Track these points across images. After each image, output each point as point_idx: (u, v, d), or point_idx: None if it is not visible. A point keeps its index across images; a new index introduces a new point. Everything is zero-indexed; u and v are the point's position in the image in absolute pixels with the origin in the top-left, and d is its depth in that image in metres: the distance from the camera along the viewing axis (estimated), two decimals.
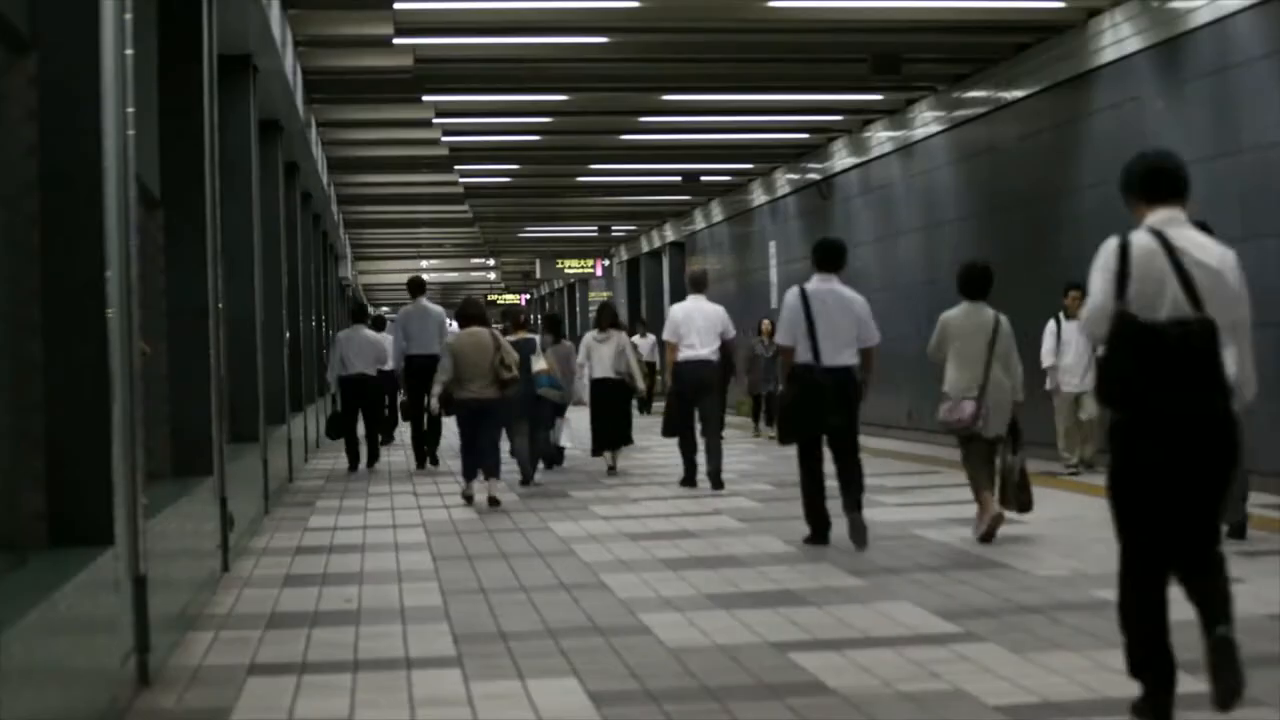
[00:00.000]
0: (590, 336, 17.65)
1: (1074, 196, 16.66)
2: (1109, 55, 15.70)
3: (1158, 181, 6.40)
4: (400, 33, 15.78)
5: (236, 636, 8.14)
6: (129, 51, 6.97)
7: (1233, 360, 5.90)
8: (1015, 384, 10.74)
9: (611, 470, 17.00)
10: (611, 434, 17.10)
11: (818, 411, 10.48)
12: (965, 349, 10.50)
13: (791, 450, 11.00)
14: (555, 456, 17.48)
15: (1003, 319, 10.73)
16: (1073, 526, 11.44)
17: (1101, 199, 16.10)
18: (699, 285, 15.47)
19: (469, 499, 14.31)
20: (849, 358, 10.65)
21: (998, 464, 10.61)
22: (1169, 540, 5.77)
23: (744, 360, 21.51)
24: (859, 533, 10.50)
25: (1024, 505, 10.58)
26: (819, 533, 10.75)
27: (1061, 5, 15.86)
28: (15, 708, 4.56)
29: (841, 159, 24.55)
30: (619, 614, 8.37)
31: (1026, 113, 17.81)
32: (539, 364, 16.20)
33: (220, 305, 10.87)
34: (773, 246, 28.91)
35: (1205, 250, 6.16)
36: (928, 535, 11.20)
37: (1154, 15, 14.83)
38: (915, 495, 14.01)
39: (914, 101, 21.08)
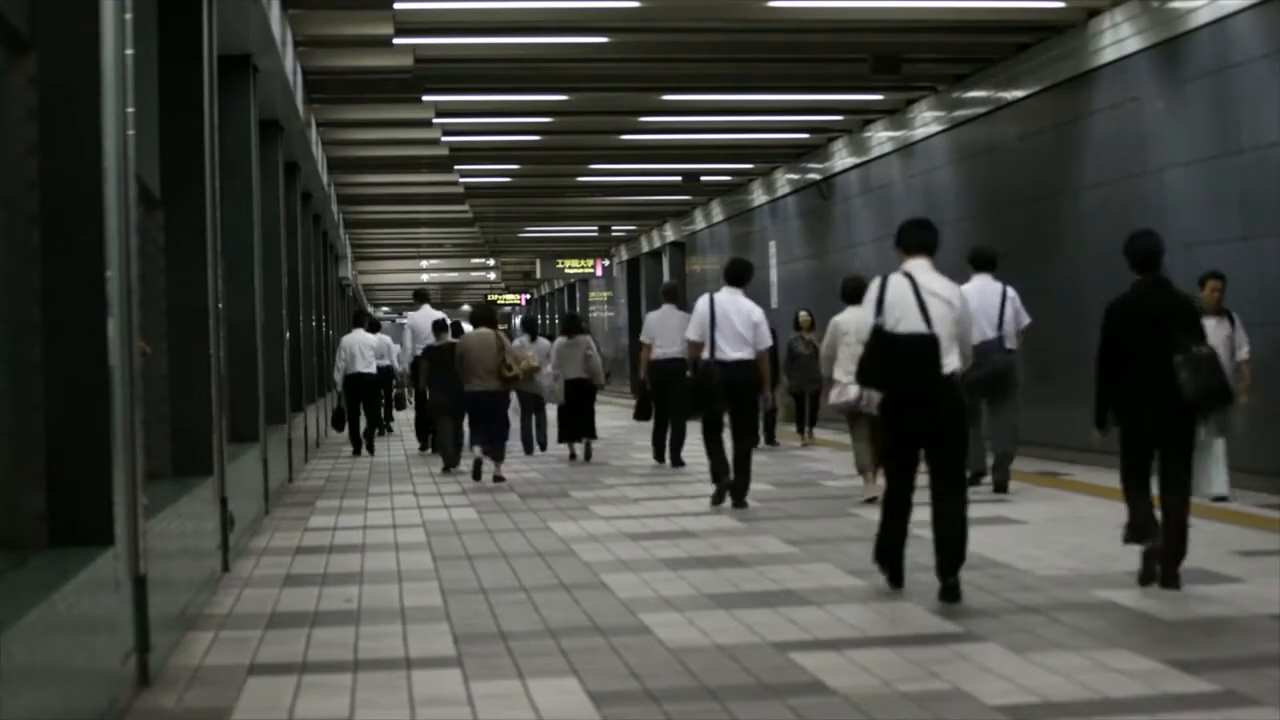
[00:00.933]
0: (560, 342, 19.93)
1: (1074, 196, 16.66)
2: (1109, 55, 15.71)
3: (912, 240, 9.37)
4: (400, 33, 15.78)
5: (236, 636, 8.14)
6: (129, 51, 6.97)
7: (956, 357, 8.57)
8: None
9: (573, 458, 19.33)
10: (576, 427, 19.49)
11: (711, 396, 12.88)
12: (853, 344, 11.45)
13: (795, 451, 13.70)
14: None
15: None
16: (1073, 526, 11.44)
17: (1101, 199, 16.11)
18: (671, 296, 17.37)
19: (477, 464, 16.60)
20: (744, 355, 12.87)
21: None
22: (913, 474, 8.66)
23: (784, 360, 20.04)
24: (738, 493, 13.08)
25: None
26: (720, 494, 13.27)
27: (1061, 5, 15.86)
28: (15, 708, 4.56)
29: (841, 159, 24.56)
30: (619, 614, 8.38)
31: (1026, 113, 17.81)
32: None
33: (220, 305, 10.87)
34: (773, 246, 28.91)
35: (941, 287, 8.98)
36: (928, 535, 11.18)
37: (1154, 15, 14.83)
38: (915, 495, 13.97)
39: (914, 101, 21.09)
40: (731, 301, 13.05)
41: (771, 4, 15.51)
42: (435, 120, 21.33)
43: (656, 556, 10.50)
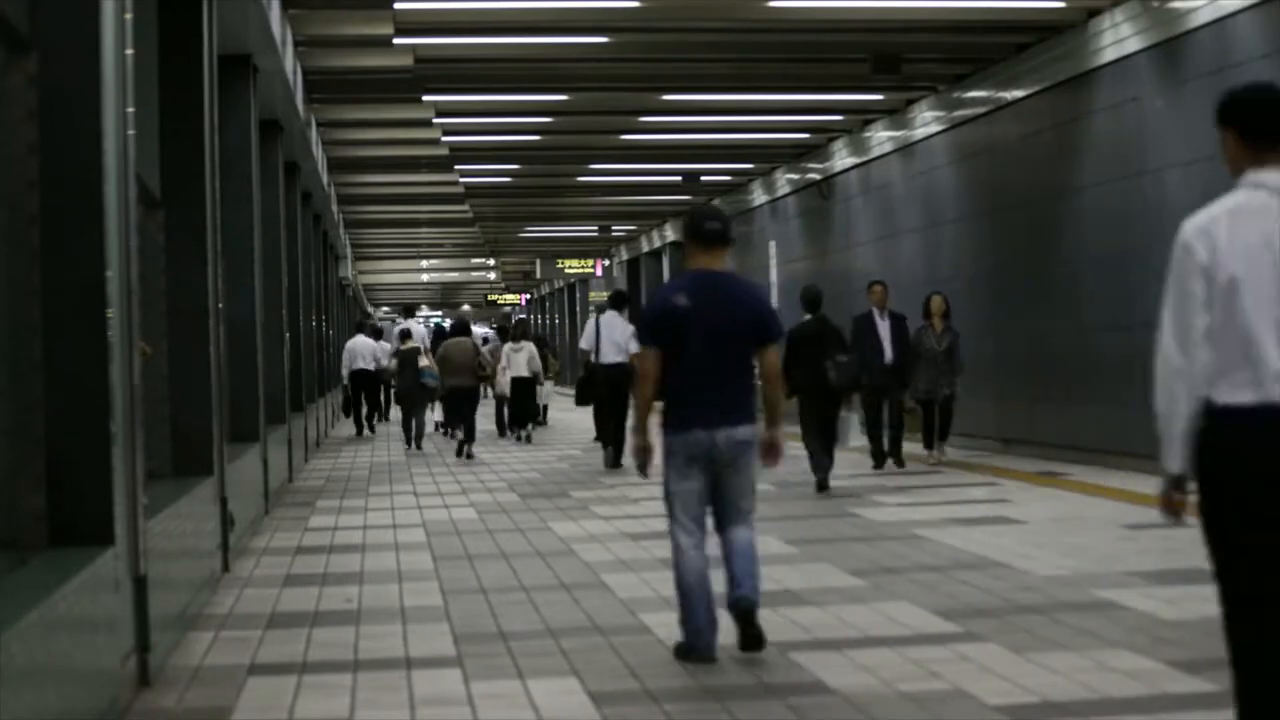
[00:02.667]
0: (508, 346, 23.63)
1: (1074, 196, 16.66)
2: (1109, 55, 15.70)
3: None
4: (400, 33, 15.78)
5: (237, 636, 8.14)
6: (129, 51, 6.97)
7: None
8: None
9: (520, 438, 23.73)
10: (522, 415, 23.82)
11: (596, 389, 18.58)
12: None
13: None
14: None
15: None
16: (1073, 526, 11.45)
17: (1101, 199, 16.11)
18: (618, 303, 19.09)
19: (460, 443, 21.01)
20: (620, 359, 17.65)
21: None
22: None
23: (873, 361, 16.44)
24: (613, 457, 17.83)
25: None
26: (612, 459, 17.86)
27: (1061, 5, 15.86)
28: (15, 708, 4.56)
29: (841, 159, 24.56)
30: (619, 614, 8.38)
31: (1026, 113, 17.81)
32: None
33: (220, 305, 10.87)
34: (773, 246, 28.92)
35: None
36: (928, 535, 11.20)
37: (1154, 15, 14.83)
38: (915, 495, 14.00)
39: (914, 101, 21.08)
40: (614, 321, 18.35)
41: (771, 4, 15.51)
42: (435, 120, 21.33)
43: (656, 556, 10.49)
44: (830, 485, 14.23)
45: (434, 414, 25.75)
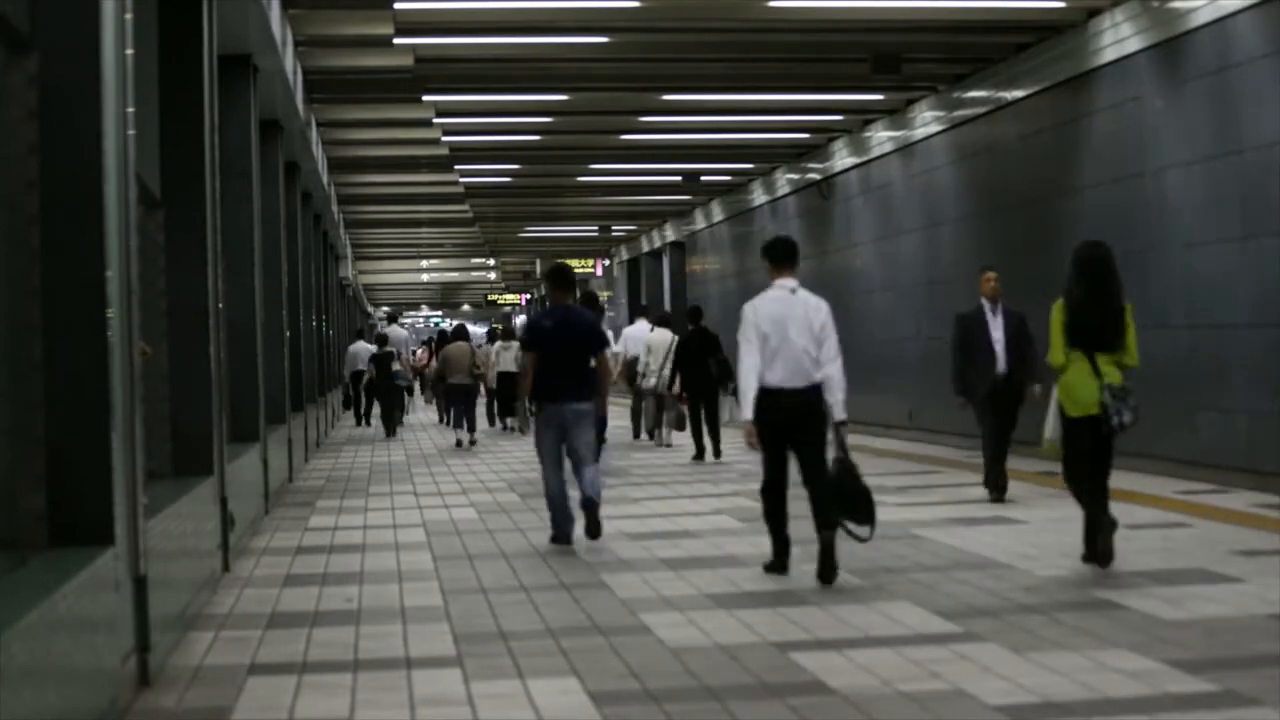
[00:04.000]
0: (498, 344, 26.44)
1: (1074, 196, 16.66)
2: (1109, 55, 15.70)
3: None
4: (400, 33, 15.78)
5: (237, 636, 8.14)
6: (129, 51, 6.97)
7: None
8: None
9: (507, 427, 26.48)
10: (510, 406, 25.06)
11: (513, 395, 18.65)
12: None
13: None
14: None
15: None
16: (1073, 527, 11.44)
17: (1101, 199, 16.10)
18: (590, 303, 19.61)
19: (459, 442, 23.38)
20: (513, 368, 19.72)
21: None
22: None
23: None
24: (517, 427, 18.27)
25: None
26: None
27: (1061, 5, 15.86)
28: (15, 708, 4.56)
29: (841, 159, 24.55)
30: (619, 614, 8.38)
31: (1026, 113, 17.81)
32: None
33: (220, 305, 10.87)
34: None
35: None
36: (928, 535, 11.21)
37: (1154, 15, 14.83)
38: (915, 495, 14.00)
39: (914, 101, 21.08)
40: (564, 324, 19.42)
41: (771, 4, 15.51)
42: (435, 120, 21.33)
43: (657, 556, 10.50)
44: (706, 458, 18.51)
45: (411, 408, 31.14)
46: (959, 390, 13.28)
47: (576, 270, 47.49)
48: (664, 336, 20.88)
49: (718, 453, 18.69)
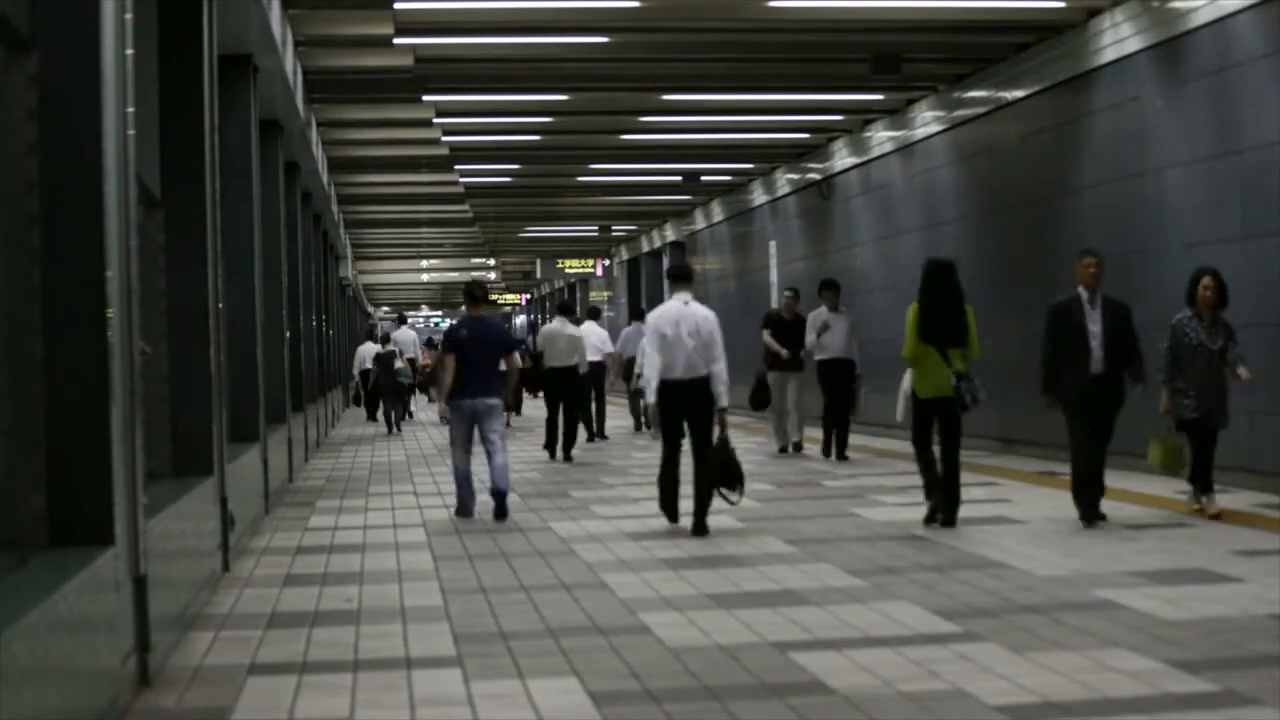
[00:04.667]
0: None
1: (1074, 196, 16.66)
2: (1109, 55, 15.70)
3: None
4: (400, 33, 15.78)
5: (237, 636, 8.14)
6: (129, 51, 6.97)
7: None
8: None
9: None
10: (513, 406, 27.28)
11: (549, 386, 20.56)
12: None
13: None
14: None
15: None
16: (1073, 526, 11.45)
17: (1101, 199, 16.11)
18: (565, 311, 21.42)
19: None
20: (568, 362, 20.26)
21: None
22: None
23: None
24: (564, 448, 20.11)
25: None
26: (563, 450, 20.07)
27: (1061, 5, 15.86)
28: (15, 708, 4.56)
29: (842, 159, 24.56)
30: (619, 614, 8.38)
31: (1026, 113, 17.81)
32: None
33: (220, 305, 10.87)
34: (773, 246, 28.92)
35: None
36: (928, 535, 11.20)
37: (1154, 15, 14.83)
38: (915, 495, 13.98)
39: (914, 101, 21.09)
40: (560, 329, 20.75)
41: (771, 4, 15.51)
42: (435, 120, 21.33)
43: (657, 556, 10.50)
44: (570, 456, 19.60)
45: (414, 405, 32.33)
46: (1046, 389, 11.79)
47: (576, 270, 47.86)
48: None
49: (549, 447, 20.25)
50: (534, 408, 29.64)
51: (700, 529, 11.48)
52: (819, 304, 18.70)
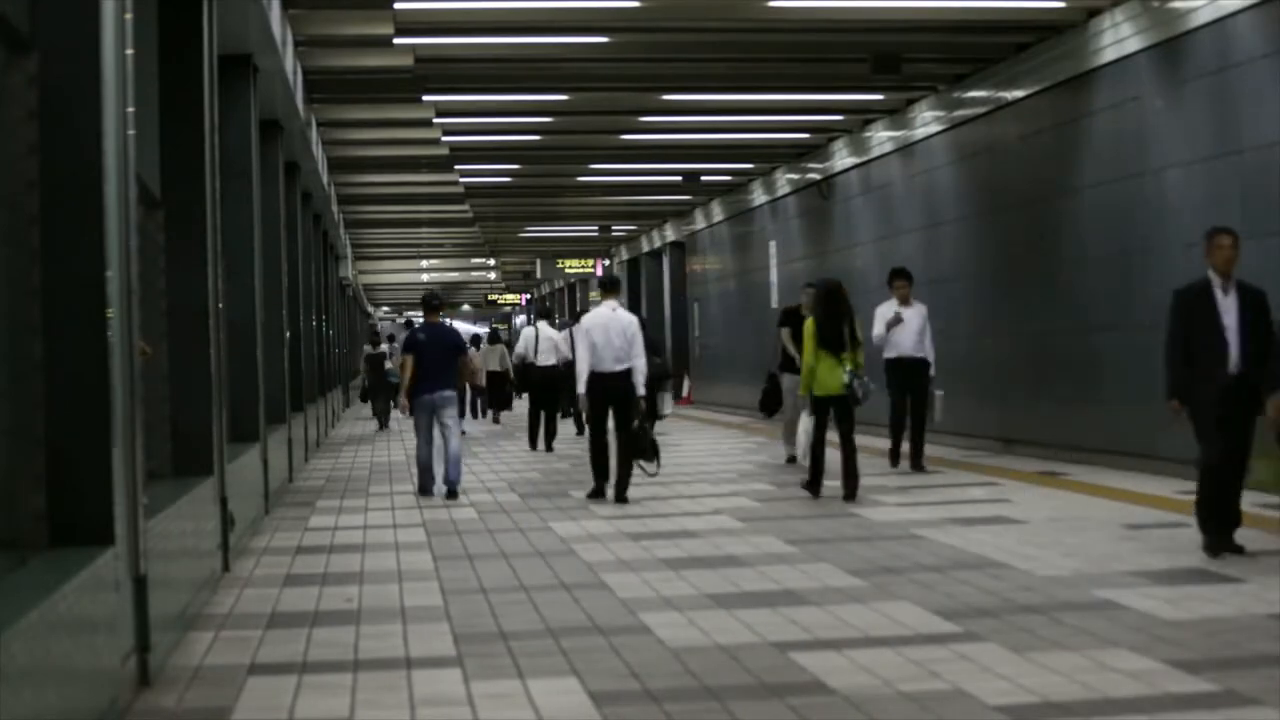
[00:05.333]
0: (485, 347, 31.06)
1: (1074, 196, 16.66)
2: (1109, 55, 15.70)
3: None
4: (400, 33, 15.78)
5: (237, 636, 8.14)
6: (129, 51, 6.97)
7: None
8: None
9: (496, 422, 30.48)
10: (497, 401, 30.53)
11: (532, 385, 22.61)
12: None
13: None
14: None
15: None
16: (1073, 526, 11.45)
17: (1101, 199, 16.10)
18: (544, 315, 23.62)
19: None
20: (552, 361, 22.24)
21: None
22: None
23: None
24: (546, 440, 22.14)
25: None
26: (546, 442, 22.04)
27: (1061, 5, 15.86)
28: (15, 708, 4.56)
29: (842, 159, 24.56)
30: (619, 614, 8.38)
31: (1026, 113, 17.81)
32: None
33: (220, 305, 10.87)
34: (773, 246, 28.92)
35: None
36: (928, 535, 11.21)
37: (1154, 15, 14.83)
38: (915, 495, 14.01)
39: (914, 101, 21.08)
40: (543, 331, 22.85)
41: (771, 4, 15.51)
42: (435, 120, 21.32)
43: (657, 556, 10.50)
44: (551, 447, 21.62)
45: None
46: (1173, 394, 9.92)
47: (576, 270, 47.90)
48: None
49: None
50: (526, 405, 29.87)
51: (622, 498, 14.00)
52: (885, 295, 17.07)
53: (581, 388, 14.15)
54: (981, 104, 18.99)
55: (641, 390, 14.12)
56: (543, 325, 23.16)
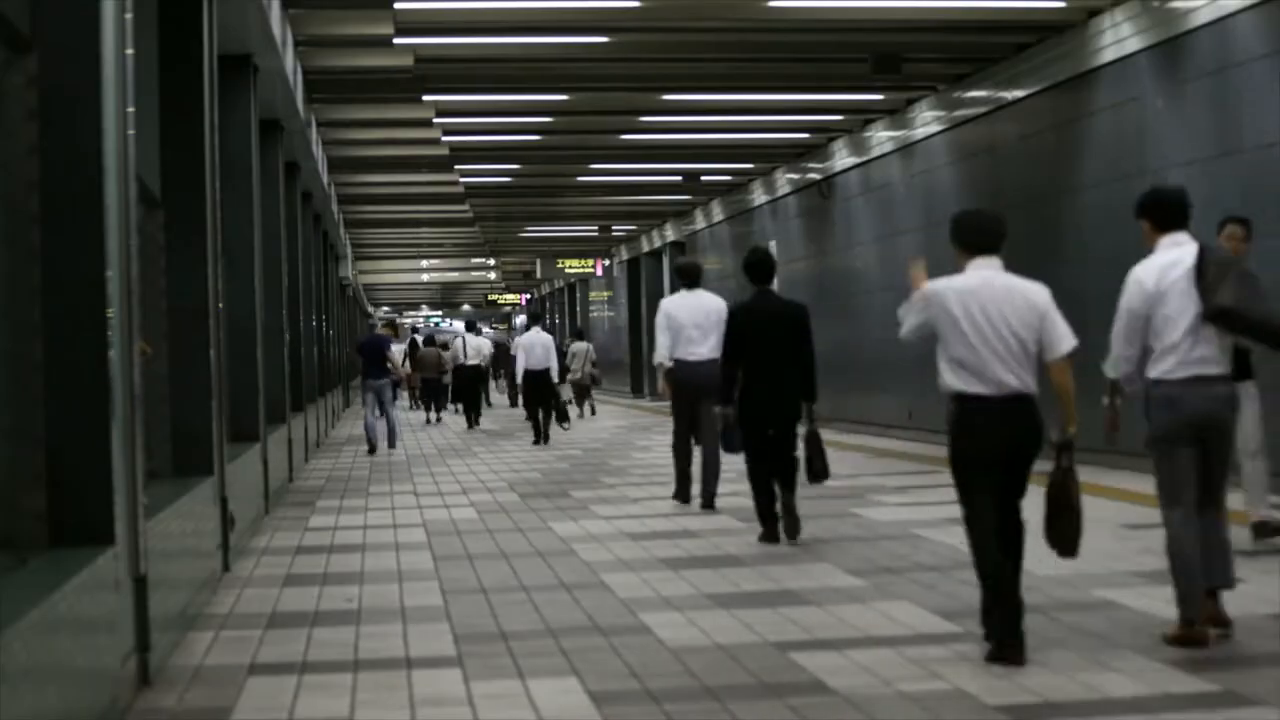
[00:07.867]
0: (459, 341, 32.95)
1: (1074, 196, 16.66)
2: (1109, 55, 15.71)
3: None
4: (400, 33, 15.78)
5: (237, 636, 8.14)
6: (129, 51, 6.96)
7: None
8: None
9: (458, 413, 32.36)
10: (474, 404, 30.91)
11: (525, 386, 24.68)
12: None
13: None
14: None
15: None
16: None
17: (1101, 199, 16.10)
18: (536, 319, 25.25)
19: (427, 420, 32.56)
20: (543, 366, 23.24)
21: None
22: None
23: None
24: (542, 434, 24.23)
25: None
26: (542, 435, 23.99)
27: (1061, 5, 15.86)
28: (15, 708, 4.56)
29: (842, 159, 24.56)
30: (619, 614, 8.38)
31: (1026, 113, 17.81)
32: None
33: (220, 305, 10.87)
34: (773, 246, 28.89)
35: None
36: (928, 535, 11.21)
37: (1154, 15, 14.83)
38: (915, 495, 14.01)
39: (914, 101, 21.09)
40: (534, 336, 24.06)
41: (771, 4, 15.51)
42: (435, 120, 21.33)
43: (657, 556, 10.50)
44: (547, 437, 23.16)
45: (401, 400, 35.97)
46: None
47: (576, 270, 47.93)
48: (582, 346, 32.28)
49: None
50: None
51: (544, 439, 21.38)
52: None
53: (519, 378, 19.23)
54: (981, 104, 18.99)
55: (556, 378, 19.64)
56: (536, 331, 24.09)
